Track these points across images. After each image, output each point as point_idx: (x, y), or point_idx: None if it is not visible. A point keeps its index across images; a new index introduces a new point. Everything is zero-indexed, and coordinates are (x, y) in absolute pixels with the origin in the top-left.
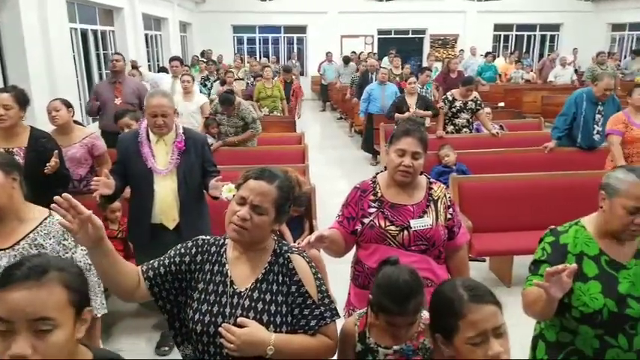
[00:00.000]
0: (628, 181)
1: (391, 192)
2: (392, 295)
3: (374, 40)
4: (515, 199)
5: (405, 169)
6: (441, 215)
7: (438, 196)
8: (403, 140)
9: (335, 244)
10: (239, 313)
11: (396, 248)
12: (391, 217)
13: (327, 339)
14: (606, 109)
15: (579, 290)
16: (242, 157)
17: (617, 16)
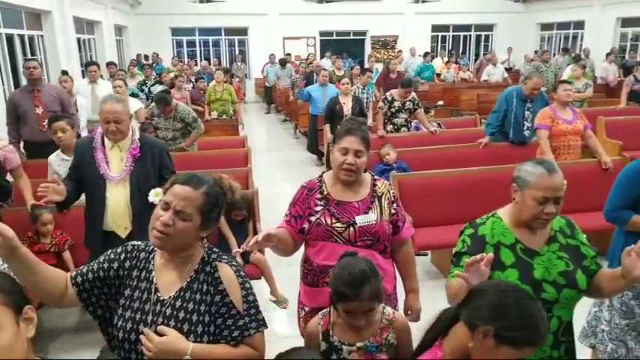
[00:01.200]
0: (536, 174)
1: (337, 190)
2: (347, 281)
3: (316, 42)
4: (453, 193)
5: (348, 167)
6: (385, 211)
7: (382, 192)
8: (346, 139)
9: (283, 243)
10: (160, 321)
11: (342, 244)
12: (337, 215)
13: (251, 350)
14: (535, 106)
15: (498, 278)
16: (182, 162)
17: (546, 16)
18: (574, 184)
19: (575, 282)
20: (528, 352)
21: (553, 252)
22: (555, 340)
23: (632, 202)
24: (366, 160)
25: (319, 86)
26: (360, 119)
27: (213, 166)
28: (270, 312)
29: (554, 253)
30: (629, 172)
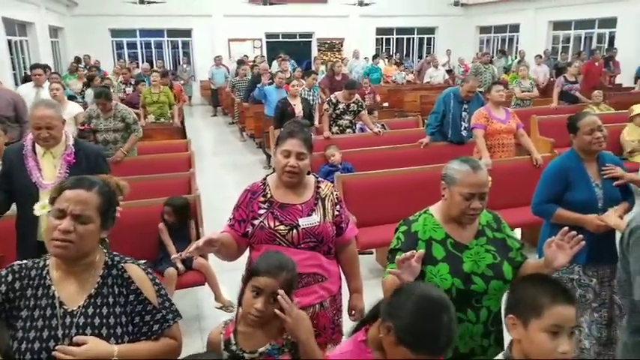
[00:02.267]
0: (462, 171)
1: (280, 192)
2: (269, 260)
3: (262, 44)
4: (395, 192)
5: (290, 169)
6: (329, 212)
7: (325, 194)
8: (288, 142)
9: (226, 248)
10: (74, 332)
11: (286, 247)
12: (280, 217)
13: (171, 340)
14: (471, 107)
15: (430, 273)
16: (123, 168)
17: (484, 20)
18: (508, 180)
19: (501, 273)
20: (424, 356)
21: (481, 245)
22: (486, 330)
23: (557, 196)
24: (309, 163)
25: (275, 88)
26: (303, 121)
27: (155, 170)
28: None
29: (482, 246)
30: (553, 168)
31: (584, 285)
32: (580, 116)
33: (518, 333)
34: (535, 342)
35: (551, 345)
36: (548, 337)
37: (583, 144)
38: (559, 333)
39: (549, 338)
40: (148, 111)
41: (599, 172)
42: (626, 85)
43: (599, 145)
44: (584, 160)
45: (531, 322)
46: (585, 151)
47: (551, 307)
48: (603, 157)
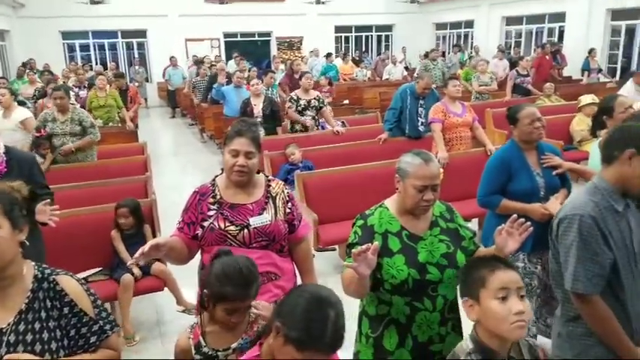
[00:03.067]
0: (415, 164)
1: (230, 193)
2: (234, 281)
3: (220, 44)
4: (356, 188)
5: (239, 168)
6: (280, 210)
7: (276, 192)
8: (236, 141)
9: (175, 252)
10: (4, 351)
11: (237, 247)
12: (231, 218)
13: (110, 351)
14: (427, 102)
15: (387, 265)
16: (78, 174)
17: (440, 17)
18: (465, 172)
19: (455, 262)
20: (310, 355)
21: (435, 236)
22: (442, 318)
23: (501, 186)
24: (258, 162)
25: (234, 87)
26: (251, 120)
27: (110, 175)
28: (179, 322)
29: (436, 236)
30: (495, 159)
31: (530, 273)
32: (519, 108)
33: (475, 313)
34: (489, 311)
35: (505, 309)
36: (498, 303)
37: (523, 134)
38: (507, 296)
39: (500, 303)
40: (95, 115)
41: (539, 161)
42: (575, 77)
43: (539, 135)
44: (525, 150)
45: (481, 294)
46: (525, 141)
47: (492, 274)
48: (542, 146)
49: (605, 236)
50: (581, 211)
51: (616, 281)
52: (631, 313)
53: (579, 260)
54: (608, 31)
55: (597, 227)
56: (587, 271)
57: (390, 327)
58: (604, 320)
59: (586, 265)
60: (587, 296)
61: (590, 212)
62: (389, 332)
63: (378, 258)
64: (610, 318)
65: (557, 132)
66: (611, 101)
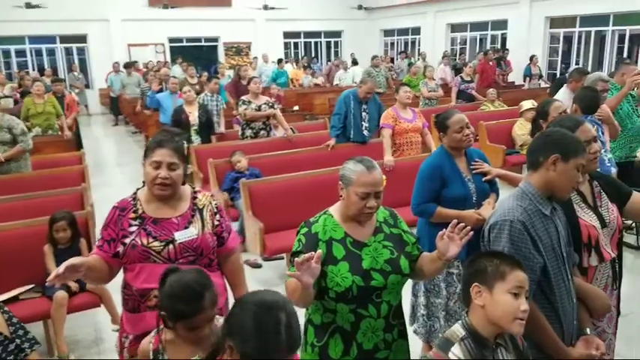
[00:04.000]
0: (357, 171)
1: (153, 207)
2: (185, 297)
3: (165, 49)
4: (303, 195)
5: (161, 181)
6: (208, 223)
7: (203, 204)
8: (157, 152)
9: (94, 271)
10: None
11: (162, 264)
12: (154, 233)
13: None
14: (370, 107)
15: (331, 272)
16: (11, 185)
17: (387, 23)
18: (413, 177)
19: (399, 267)
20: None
21: (379, 242)
22: (387, 324)
23: (434, 193)
24: (183, 173)
25: (169, 94)
26: (174, 130)
27: (46, 186)
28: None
29: (380, 242)
30: (427, 167)
31: None
32: (449, 115)
33: (483, 299)
34: (500, 303)
35: (515, 304)
36: (512, 298)
37: (453, 141)
38: (519, 294)
39: (513, 299)
40: (33, 124)
41: (468, 167)
42: (518, 83)
43: (468, 142)
44: (454, 157)
45: (496, 286)
46: (455, 148)
47: (512, 271)
48: (470, 152)
49: (534, 241)
50: (510, 217)
51: (546, 284)
52: (562, 315)
53: None
54: (547, 38)
55: (527, 232)
56: None
57: (335, 335)
58: (536, 322)
59: None
60: None
61: (519, 217)
62: (334, 341)
63: (323, 266)
64: (541, 319)
65: (500, 136)
66: (547, 106)
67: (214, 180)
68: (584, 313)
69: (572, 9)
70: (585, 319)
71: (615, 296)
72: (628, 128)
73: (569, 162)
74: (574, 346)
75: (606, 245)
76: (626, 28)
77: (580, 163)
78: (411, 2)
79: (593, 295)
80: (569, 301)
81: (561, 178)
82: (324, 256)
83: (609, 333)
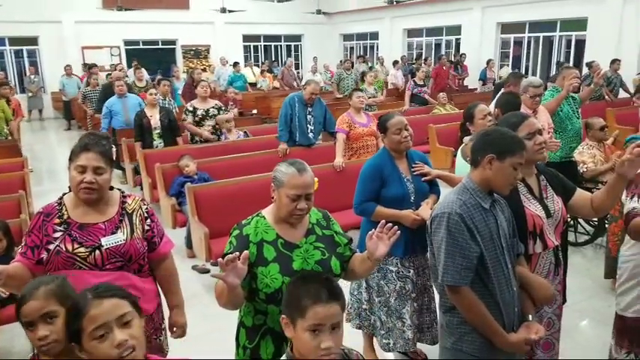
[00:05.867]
0: (288, 174)
1: (79, 212)
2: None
3: (121, 51)
4: (250, 199)
5: (87, 185)
6: (137, 228)
7: (132, 209)
8: (83, 156)
9: (16, 280)
10: None
11: (88, 270)
12: (80, 239)
13: None
14: (315, 110)
15: (261, 274)
16: None
17: (347, 28)
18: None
19: (330, 268)
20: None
21: (310, 243)
22: None
23: (374, 193)
24: (110, 177)
25: (117, 98)
26: (101, 133)
27: None
28: None
29: (312, 244)
30: (368, 167)
31: (403, 277)
32: (388, 117)
33: (290, 332)
34: (301, 340)
35: (314, 342)
36: (310, 336)
37: (392, 143)
38: (319, 330)
39: (312, 337)
40: None
41: (409, 168)
42: (472, 86)
43: (407, 144)
44: (395, 158)
45: (297, 322)
46: (395, 149)
47: (312, 307)
48: (411, 154)
49: (471, 231)
50: (449, 210)
51: (484, 273)
52: (500, 302)
53: (448, 255)
54: (499, 43)
55: (464, 223)
56: (455, 264)
57: (266, 337)
58: (474, 309)
59: (455, 259)
60: (457, 288)
61: (457, 210)
62: (265, 342)
63: (253, 267)
64: (479, 306)
65: (449, 139)
66: (472, 109)
67: (162, 185)
68: (528, 302)
69: (521, 15)
70: (529, 307)
71: (559, 282)
72: (568, 129)
73: (504, 161)
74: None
75: (550, 234)
76: (572, 33)
77: (516, 162)
78: (368, 8)
79: (537, 285)
80: (508, 289)
81: (497, 176)
82: (254, 257)
83: (550, 313)
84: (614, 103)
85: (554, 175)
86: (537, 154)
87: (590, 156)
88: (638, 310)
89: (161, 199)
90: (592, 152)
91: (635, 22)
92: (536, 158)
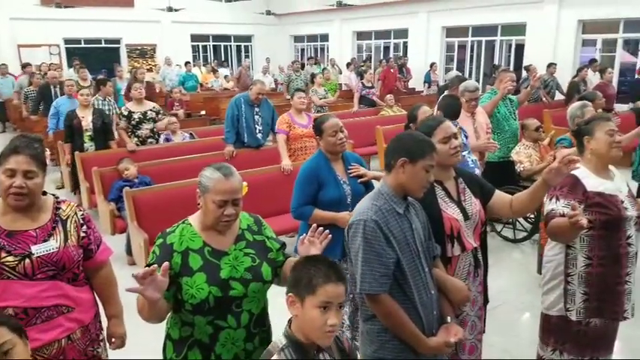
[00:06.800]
0: (214, 179)
1: (8, 219)
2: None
3: (60, 50)
4: (193, 204)
5: (16, 190)
6: (72, 235)
7: (67, 215)
8: (12, 159)
9: None
10: None
11: (18, 280)
12: (8, 247)
13: None
14: (262, 111)
15: (186, 284)
16: None
17: (297, 29)
18: None
19: (260, 275)
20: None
21: (240, 250)
22: (248, 333)
23: (312, 197)
24: (42, 182)
25: (67, 99)
26: (33, 136)
27: None
28: None
29: (242, 250)
30: (304, 171)
31: None
32: (324, 119)
33: (296, 309)
34: (308, 317)
35: (322, 319)
36: (319, 312)
37: (328, 145)
38: (328, 308)
39: (320, 313)
40: None
41: (345, 171)
42: (419, 89)
43: (342, 146)
44: (331, 160)
45: (307, 299)
46: (331, 151)
47: (323, 286)
48: (347, 156)
49: (387, 237)
50: (364, 217)
51: (402, 278)
52: (419, 306)
53: (365, 262)
54: (444, 46)
55: (380, 230)
56: (373, 271)
57: (193, 348)
58: (393, 316)
59: (372, 267)
60: (376, 296)
61: (372, 216)
62: (192, 354)
63: (178, 278)
64: (398, 313)
65: None
66: (415, 110)
67: (100, 189)
68: (446, 304)
69: (465, 19)
70: (447, 309)
71: (479, 283)
72: (505, 130)
73: (416, 164)
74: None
75: (468, 236)
76: (512, 38)
77: (428, 164)
78: (318, 10)
79: (452, 287)
80: (426, 293)
81: (410, 180)
82: (178, 267)
83: (472, 315)
84: (551, 104)
85: (473, 177)
86: (453, 158)
87: (527, 156)
88: (561, 309)
89: (99, 204)
90: (528, 152)
91: (570, 27)
92: (452, 162)
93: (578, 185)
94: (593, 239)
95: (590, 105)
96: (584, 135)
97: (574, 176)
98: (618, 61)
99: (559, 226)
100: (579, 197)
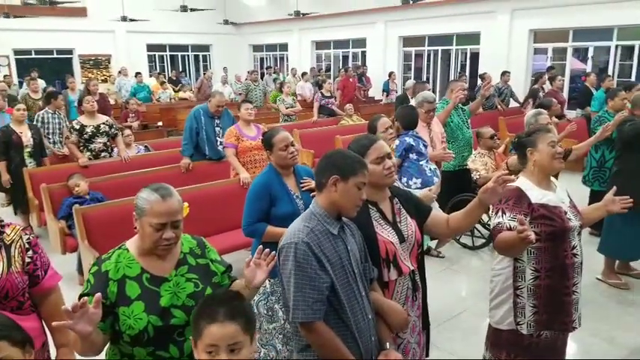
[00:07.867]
0: (151, 201)
1: None
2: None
3: (10, 61)
4: None
5: None
6: (16, 261)
7: (11, 239)
8: None
9: None
10: None
11: None
12: None
13: None
14: (222, 122)
15: (124, 314)
16: None
17: (256, 39)
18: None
19: None
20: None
21: (182, 275)
22: None
23: (263, 213)
24: None
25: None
26: None
27: None
28: None
29: (183, 275)
30: (255, 186)
31: None
32: (274, 133)
33: (196, 354)
34: None
35: None
36: (208, 357)
37: (279, 159)
38: (215, 352)
39: (209, 358)
40: None
41: (297, 185)
42: (378, 98)
43: (294, 160)
44: (283, 175)
45: (197, 343)
46: (282, 166)
47: (208, 327)
48: (298, 170)
49: (320, 260)
50: (296, 239)
51: (337, 303)
52: (356, 332)
53: (297, 288)
54: (402, 55)
55: (312, 253)
56: (306, 298)
57: None
58: (329, 345)
59: (305, 293)
60: (310, 324)
61: (304, 239)
62: None
63: (114, 308)
64: (334, 341)
65: None
66: (375, 122)
67: (49, 207)
68: (384, 328)
69: (421, 29)
70: (385, 334)
71: (418, 307)
72: (459, 139)
73: (348, 182)
74: None
75: (405, 259)
76: (467, 47)
77: (360, 182)
78: (276, 19)
79: (390, 310)
80: (363, 317)
81: (343, 198)
82: (114, 296)
83: (412, 343)
84: (506, 112)
85: (409, 197)
86: (387, 179)
87: (482, 163)
88: (511, 323)
89: (48, 222)
90: (484, 160)
91: (522, 36)
92: (386, 182)
93: (523, 198)
94: (539, 251)
95: (544, 112)
96: (526, 147)
97: (518, 189)
98: (569, 68)
99: (506, 240)
100: (525, 210)
